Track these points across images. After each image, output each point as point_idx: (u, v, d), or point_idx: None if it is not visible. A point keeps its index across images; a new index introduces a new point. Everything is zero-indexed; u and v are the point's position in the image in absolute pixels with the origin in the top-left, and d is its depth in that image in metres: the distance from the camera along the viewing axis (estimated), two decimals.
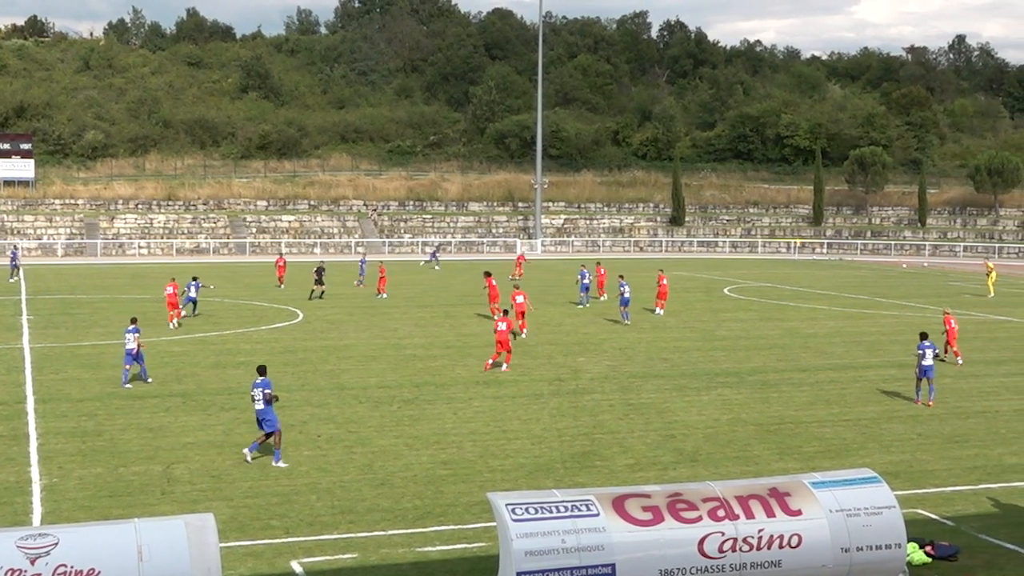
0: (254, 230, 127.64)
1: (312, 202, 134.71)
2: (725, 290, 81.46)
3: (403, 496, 27.61)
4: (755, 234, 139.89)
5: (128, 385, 40.65)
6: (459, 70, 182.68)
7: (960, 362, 48.28)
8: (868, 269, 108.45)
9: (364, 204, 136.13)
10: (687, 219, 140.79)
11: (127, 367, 41.00)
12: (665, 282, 66.68)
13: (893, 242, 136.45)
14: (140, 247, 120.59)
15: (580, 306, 68.17)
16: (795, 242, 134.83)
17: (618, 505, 19.35)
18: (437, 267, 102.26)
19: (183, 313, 59.85)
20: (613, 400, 39.16)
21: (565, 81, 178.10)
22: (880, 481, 21.17)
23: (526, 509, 18.90)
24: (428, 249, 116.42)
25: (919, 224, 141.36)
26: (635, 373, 44.67)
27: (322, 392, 39.76)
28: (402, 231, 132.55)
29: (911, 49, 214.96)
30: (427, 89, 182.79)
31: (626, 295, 60.61)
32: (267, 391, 30.34)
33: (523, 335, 53.83)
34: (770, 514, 19.82)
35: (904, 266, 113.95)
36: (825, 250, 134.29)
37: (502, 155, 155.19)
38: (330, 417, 35.59)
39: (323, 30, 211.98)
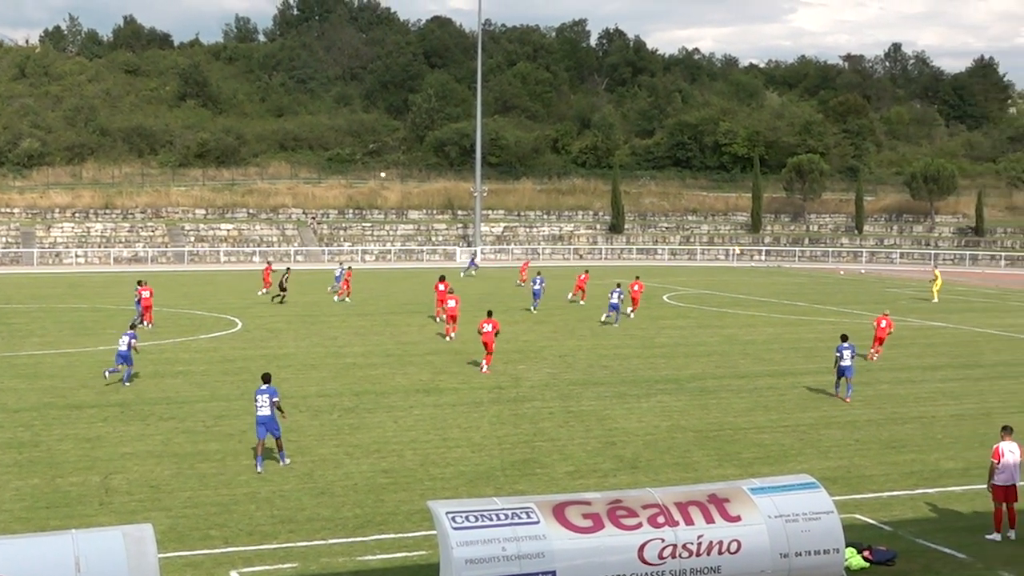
0: (192, 239, 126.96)
1: (251, 210, 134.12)
2: (664, 297, 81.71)
3: (343, 505, 27.55)
4: (694, 241, 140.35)
5: (107, 375, 43.01)
6: (398, 78, 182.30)
7: (875, 359, 50.53)
8: (806, 276, 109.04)
9: (303, 212, 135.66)
10: (626, 226, 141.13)
11: (118, 366, 42.78)
12: (637, 288, 68.76)
13: (831, 249, 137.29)
14: (77, 256, 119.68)
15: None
16: (734, 249, 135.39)
17: (558, 512, 19.39)
18: (474, 273, 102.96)
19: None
20: (553, 408, 39.20)
21: (504, 89, 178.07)
22: (818, 487, 21.30)
23: (466, 517, 18.90)
24: (465, 258, 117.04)
25: (856, 231, 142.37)
26: (575, 380, 44.74)
27: None
28: (342, 239, 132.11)
29: (848, 57, 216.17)
30: (366, 97, 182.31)
31: (613, 300, 64.08)
32: (275, 399, 30.95)
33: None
34: (709, 520, 19.90)
35: (842, 273, 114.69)
36: (763, 257, 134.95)
37: (441, 163, 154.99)
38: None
39: (261, 38, 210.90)
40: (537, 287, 72.13)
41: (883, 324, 51.60)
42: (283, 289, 74.71)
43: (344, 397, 40.75)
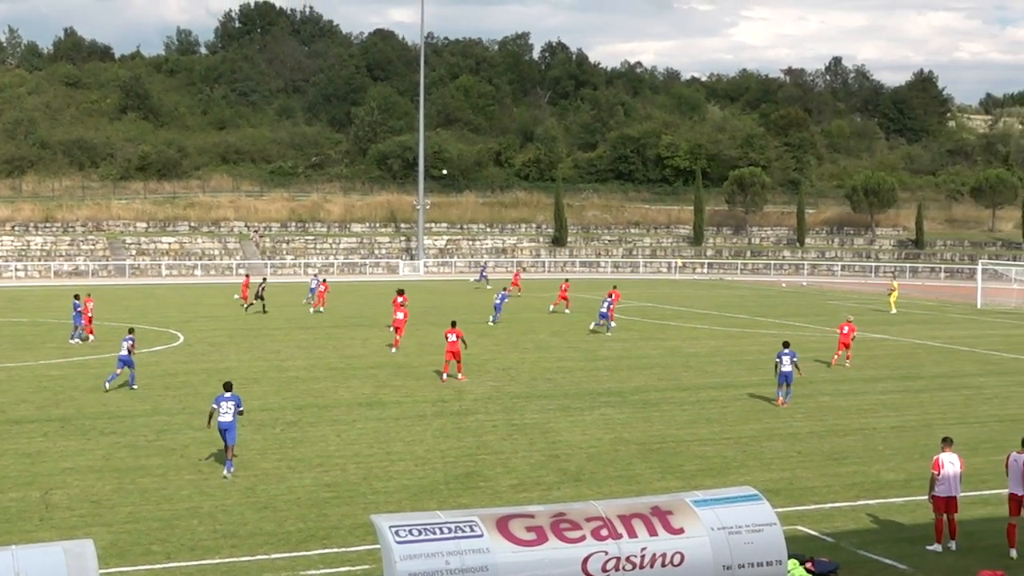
0: (134, 252, 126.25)
1: (193, 223, 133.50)
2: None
3: (286, 519, 27.45)
4: (636, 254, 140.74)
5: (107, 385, 44.34)
6: (341, 91, 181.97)
7: (845, 364, 52.71)
8: (748, 289, 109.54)
9: (245, 225, 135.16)
10: (569, 239, 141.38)
11: (117, 371, 44.87)
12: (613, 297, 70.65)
13: (772, 262, 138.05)
14: (17, 270, 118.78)
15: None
16: (676, 262, 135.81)
17: (502, 526, 19.37)
18: (488, 286, 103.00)
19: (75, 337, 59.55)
20: (497, 421, 39.20)
21: (447, 102, 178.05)
22: (761, 499, 21.37)
23: (410, 531, 18.85)
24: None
25: (798, 244, 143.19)
26: (518, 393, 44.76)
27: (203, 416, 39.16)
28: (284, 253, 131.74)
29: (789, 71, 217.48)
30: (309, 110, 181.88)
31: (603, 310, 66.75)
32: (240, 408, 32.02)
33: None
34: (652, 533, 19.93)
35: (783, 285, 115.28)
36: (706, 270, 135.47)
37: (384, 176, 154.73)
38: (212, 440, 35.18)
39: (203, 50, 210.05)
40: (498, 301, 72.91)
41: (845, 330, 53.41)
42: (260, 298, 77.23)
43: (287, 411, 40.62)
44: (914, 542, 26.24)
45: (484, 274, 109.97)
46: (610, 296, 70.09)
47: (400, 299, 62.68)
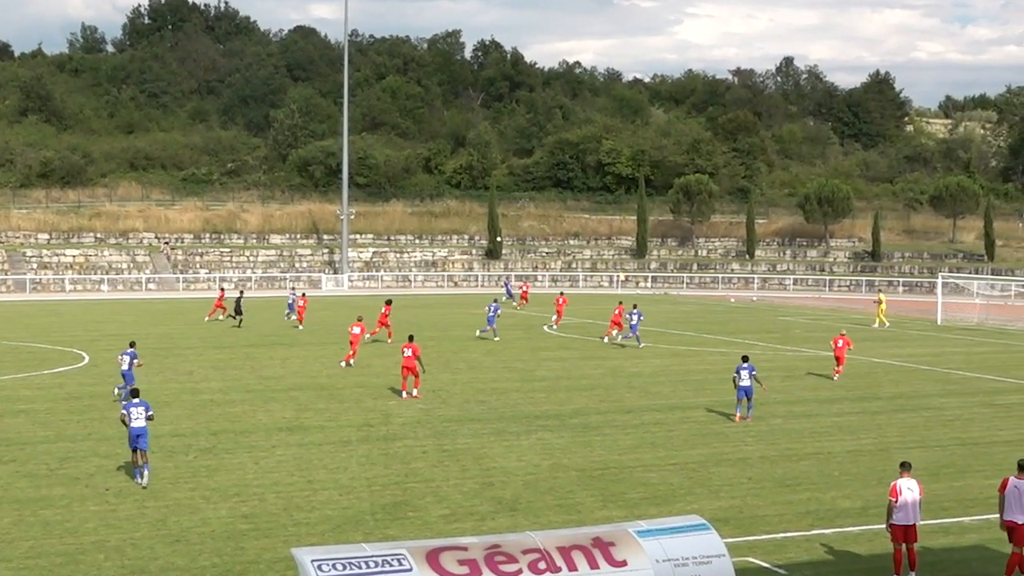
0: (35, 265, 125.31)
1: (99, 235, 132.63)
2: (545, 327, 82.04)
3: (200, 553, 27.27)
4: (576, 267, 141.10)
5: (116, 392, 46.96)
6: (259, 92, 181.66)
7: (835, 378, 55.58)
8: (695, 304, 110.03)
9: (156, 237, 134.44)
10: (504, 252, 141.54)
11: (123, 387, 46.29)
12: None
13: (720, 275, 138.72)
14: None
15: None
16: (618, 276, 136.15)
17: (432, 559, 19.33)
18: (515, 305, 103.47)
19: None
20: (427, 446, 39.15)
21: (373, 104, 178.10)
22: (709, 528, 21.42)
23: (333, 565, 18.78)
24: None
25: (747, 256, 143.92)
26: (450, 417, 44.72)
27: (110, 441, 39.02)
28: (197, 266, 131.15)
29: (737, 72, 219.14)
30: (224, 113, 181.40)
31: (633, 322, 70.06)
32: (150, 412, 33.41)
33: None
34: (594, 565, 19.93)
35: (732, 300, 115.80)
36: (649, 284, 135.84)
37: (306, 184, 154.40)
38: (120, 468, 35.00)
39: (110, 48, 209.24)
40: (491, 314, 74.98)
41: (840, 343, 56.38)
42: (239, 313, 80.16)
43: (200, 437, 40.39)
44: (871, 573, 26.38)
45: (509, 289, 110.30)
46: (636, 307, 73.11)
47: (385, 309, 63.92)
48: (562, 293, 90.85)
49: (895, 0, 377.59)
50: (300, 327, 79.50)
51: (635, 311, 71.07)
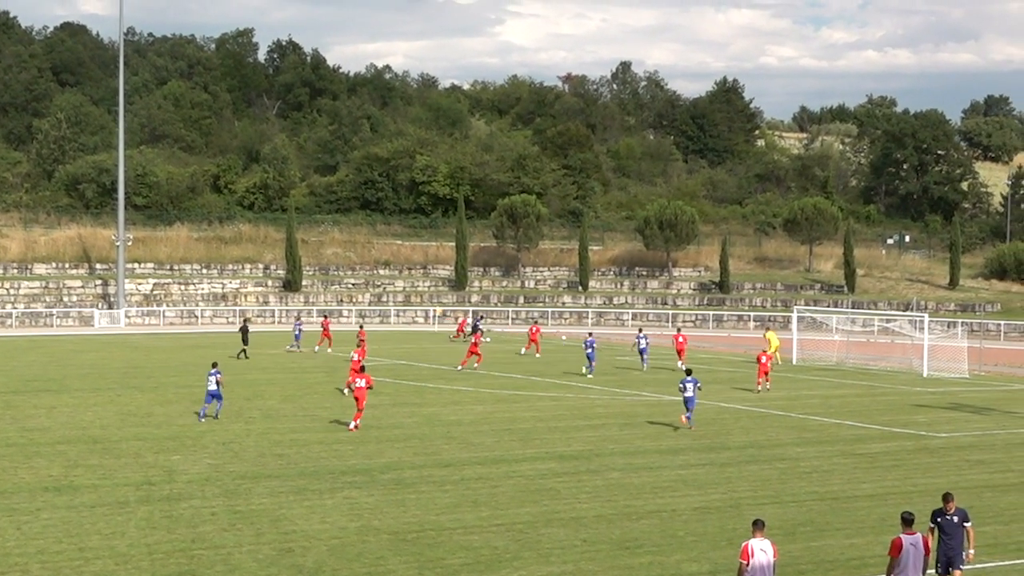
0: None
1: None
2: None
3: None
4: (387, 300, 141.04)
5: (203, 419, 56.18)
6: (20, 99, 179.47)
7: (763, 388, 67.02)
8: (522, 342, 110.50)
9: None
10: (304, 283, 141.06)
11: (206, 405, 57.01)
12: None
13: (550, 309, 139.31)
14: None
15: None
16: (435, 310, 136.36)
17: None
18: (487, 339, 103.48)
19: None
20: (216, 507, 38.95)
21: (153, 113, 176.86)
22: None
23: None
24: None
25: (580, 287, 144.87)
26: (243, 473, 44.52)
27: None
28: None
29: (567, 78, 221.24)
30: None
31: (642, 346, 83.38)
32: None
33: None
34: None
35: (564, 338, 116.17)
36: (470, 319, 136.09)
37: (75, 205, 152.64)
38: None
39: None
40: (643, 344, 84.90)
41: (763, 360, 70.15)
42: (245, 342, 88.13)
43: None
44: None
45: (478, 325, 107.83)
46: (641, 331, 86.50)
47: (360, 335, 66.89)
48: (362, 326, 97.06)
49: None
50: (329, 350, 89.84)
51: (641, 335, 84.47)
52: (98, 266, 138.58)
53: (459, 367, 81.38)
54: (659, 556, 33.96)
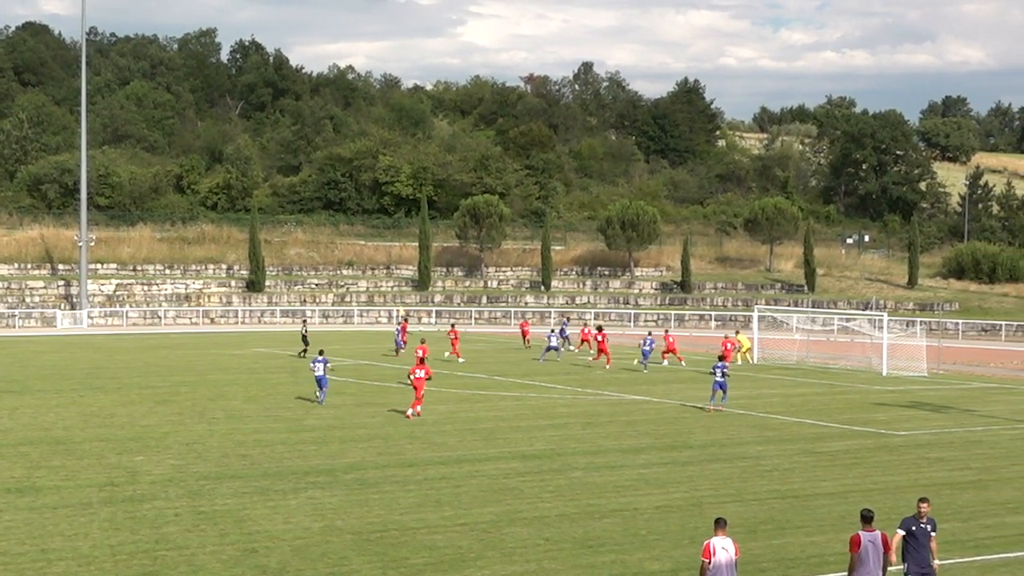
0: None
1: None
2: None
3: None
4: (350, 301, 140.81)
5: (323, 402, 62.60)
6: None
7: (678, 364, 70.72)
8: (484, 342, 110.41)
9: None
10: (268, 284, 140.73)
11: (320, 391, 63.06)
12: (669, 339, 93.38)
13: (513, 308, 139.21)
14: None
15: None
16: (398, 310, 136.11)
17: None
18: (573, 349, 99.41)
19: None
20: (179, 508, 38.83)
21: (116, 113, 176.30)
22: None
23: None
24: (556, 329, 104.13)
25: (543, 287, 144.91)
26: (206, 474, 44.39)
27: None
28: None
29: (530, 79, 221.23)
30: None
31: (646, 348, 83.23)
32: None
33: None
34: None
35: (528, 343, 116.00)
36: (433, 319, 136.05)
37: (37, 205, 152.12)
38: None
39: None
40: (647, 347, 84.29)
41: (728, 346, 76.56)
42: (305, 341, 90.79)
43: None
44: None
45: (565, 333, 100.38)
46: (650, 334, 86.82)
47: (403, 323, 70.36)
48: (453, 325, 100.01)
49: (701, 0, 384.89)
50: (460, 360, 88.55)
51: (649, 338, 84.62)
52: (60, 267, 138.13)
53: (606, 367, 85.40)
54: (621, 555, 33.96)
